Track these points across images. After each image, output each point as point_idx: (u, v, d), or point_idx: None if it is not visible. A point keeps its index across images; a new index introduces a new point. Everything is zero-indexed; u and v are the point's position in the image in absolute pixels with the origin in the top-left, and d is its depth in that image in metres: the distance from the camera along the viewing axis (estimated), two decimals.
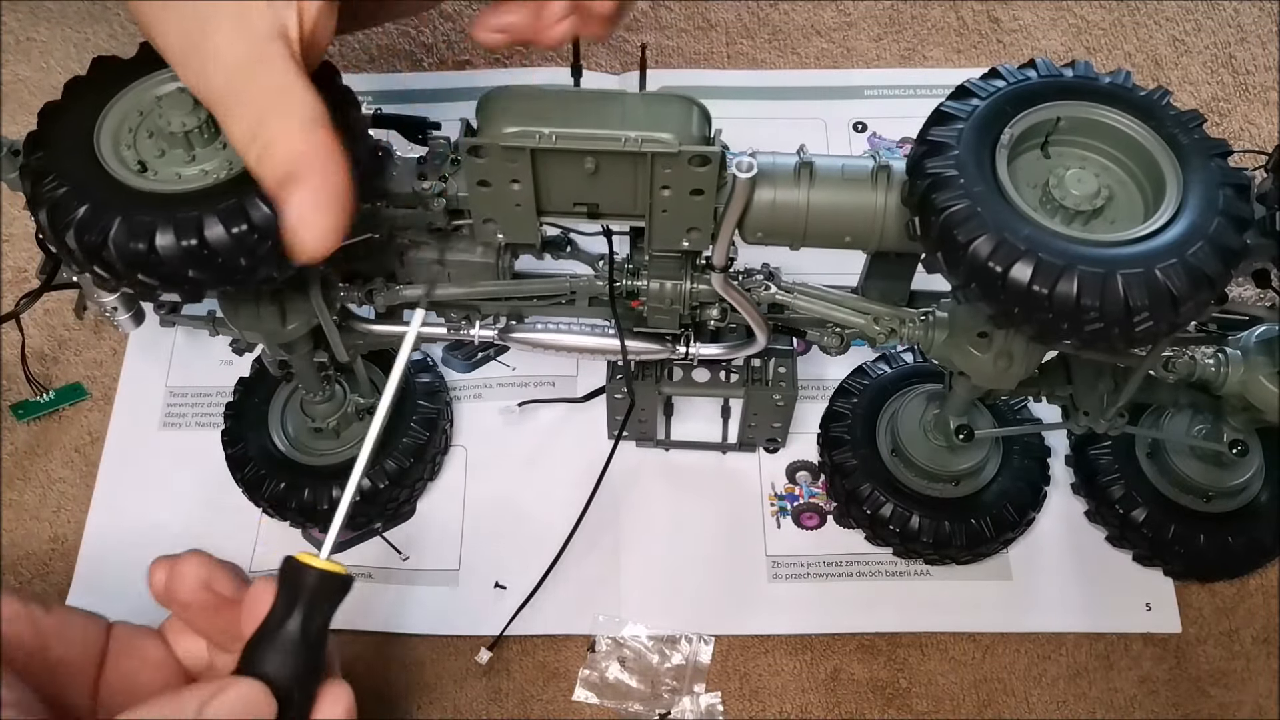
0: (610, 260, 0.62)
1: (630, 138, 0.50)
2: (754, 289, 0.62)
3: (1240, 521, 0.73)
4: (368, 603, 0.73)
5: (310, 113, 0.44)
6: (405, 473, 0.74)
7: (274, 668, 0.43)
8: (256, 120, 0.43)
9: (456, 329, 0.67)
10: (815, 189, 0.54)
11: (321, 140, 0.44)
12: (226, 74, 0.44)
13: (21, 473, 0.79)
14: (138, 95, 0.52)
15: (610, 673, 0.71)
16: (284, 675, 0.43)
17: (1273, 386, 0.62)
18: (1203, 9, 1.03)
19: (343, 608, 0.72)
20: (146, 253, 0.47)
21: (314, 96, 0.44)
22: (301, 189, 0.44)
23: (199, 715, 0.41)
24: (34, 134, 0.51)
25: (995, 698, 0.72)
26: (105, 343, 0.84)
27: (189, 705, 0.41)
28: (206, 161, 0.50)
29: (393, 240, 0.61)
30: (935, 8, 1.03)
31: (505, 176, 0.52)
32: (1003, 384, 0.61)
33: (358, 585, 0.73)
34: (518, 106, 0.51)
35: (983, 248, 0.46)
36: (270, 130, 0.43)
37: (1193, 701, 0.72)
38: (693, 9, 1.02)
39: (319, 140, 0.44)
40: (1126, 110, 0.51)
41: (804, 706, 0.71)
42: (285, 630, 0.44)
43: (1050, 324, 0.47)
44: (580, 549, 0.73)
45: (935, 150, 0.49)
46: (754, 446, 0.79)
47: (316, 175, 0.44)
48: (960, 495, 0.73)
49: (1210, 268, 0.46)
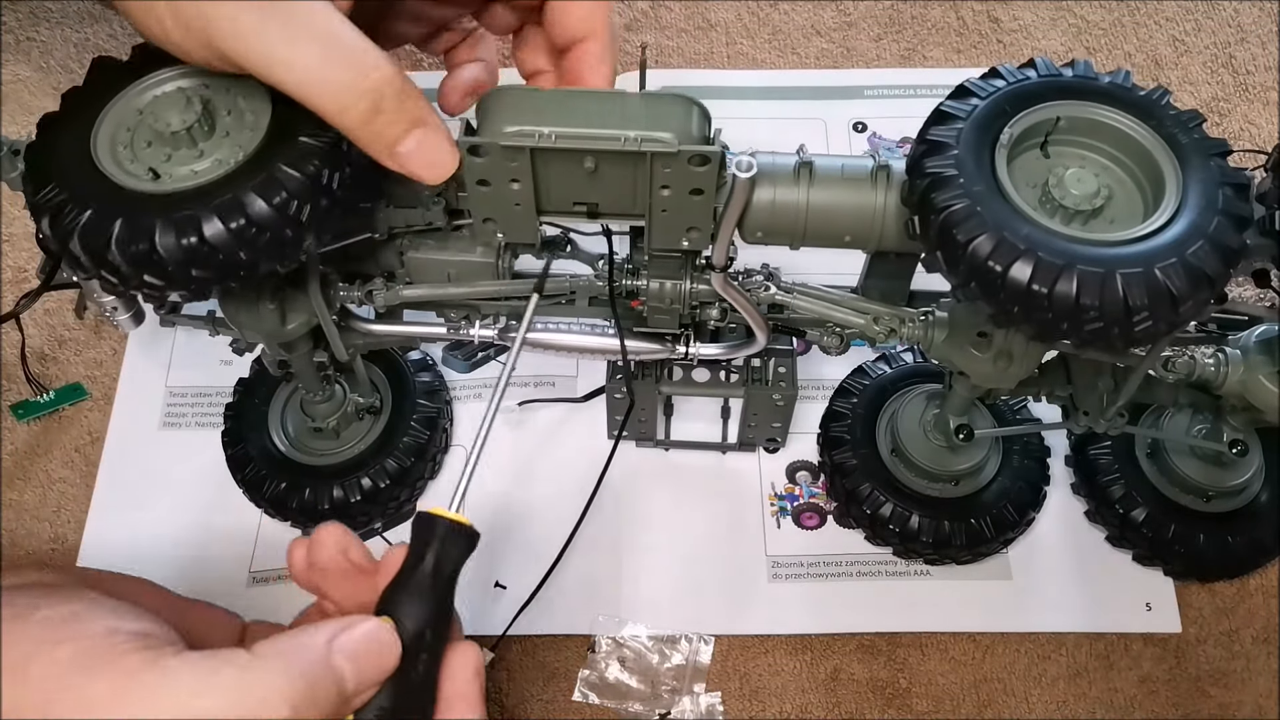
0: (610, 260, 0.62)
1: (630, 137, 0.50)
2: (754, 289, 0.62)
3: (1240, 521, 0.73)
4: None
5: (383, 58, 0.47)
6: (406, 472, 0.74)
7: (406, 611, 0.46)
8: (350, 84, 0.47)
9: (456, 329, 0.67)
10: (815, 188, 0.54)
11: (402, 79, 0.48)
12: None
13: (21, 473, 0.79)
14: (131, 99, 0.52)
15: (610, 673, 0.71)
16: (415, 618, 0.46)
17: (1272, 386, 0.62)
18: (1203, 9, 1.03)
19: None
20: (149, 254, 0.47)
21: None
22: (424, 128, 0.49)
23: (328, 644, 0.43)
24: (33, 144, 0.52)
25: (995, 698, 0.72)
26: (105, 343, 0.84)
27: (320, 636, 0.44)
28: (216, 152, 0.50)
29: (392, 240, 0.61)
30: (935, 8, 1.03)
31: (505, 176, 0.52)
32: (1002, 384, 0.61)
33: None
34: (517, 106, 0.51)
35: (982, 247, 0.46)
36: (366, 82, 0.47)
37: (1193, 701, 0.72)
38: (693, 9, 1.02)
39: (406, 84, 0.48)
40: (1126, 110, 0.51)
41: (804, 706, 0.71)
42: (417, 576, 0.47)
43: (1050, 323, 0.47)
44: (580, 549, 0.73)
45: (935, 150, 0.49)
46: (754, 446, 0.79)
47: (420, 104, 0.48)
48: (960, 495, 0.73)
49: (1210, 267, 0.46)
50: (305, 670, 0.42)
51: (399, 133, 0.48)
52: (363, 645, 0.44)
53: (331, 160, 0.49)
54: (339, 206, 0.50)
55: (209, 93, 0.52)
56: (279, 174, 0.48)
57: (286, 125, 0.49)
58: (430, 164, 0.50)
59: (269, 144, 0.49)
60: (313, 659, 0.43)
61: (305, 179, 0.48)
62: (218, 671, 0.40)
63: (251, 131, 0.50)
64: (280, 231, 0.48)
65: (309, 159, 0.48)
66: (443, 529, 0.47)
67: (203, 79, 0.52)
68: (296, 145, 0.48)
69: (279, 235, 0.48)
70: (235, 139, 0.50)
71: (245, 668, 0.41)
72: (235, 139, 0.50)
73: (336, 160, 0.49)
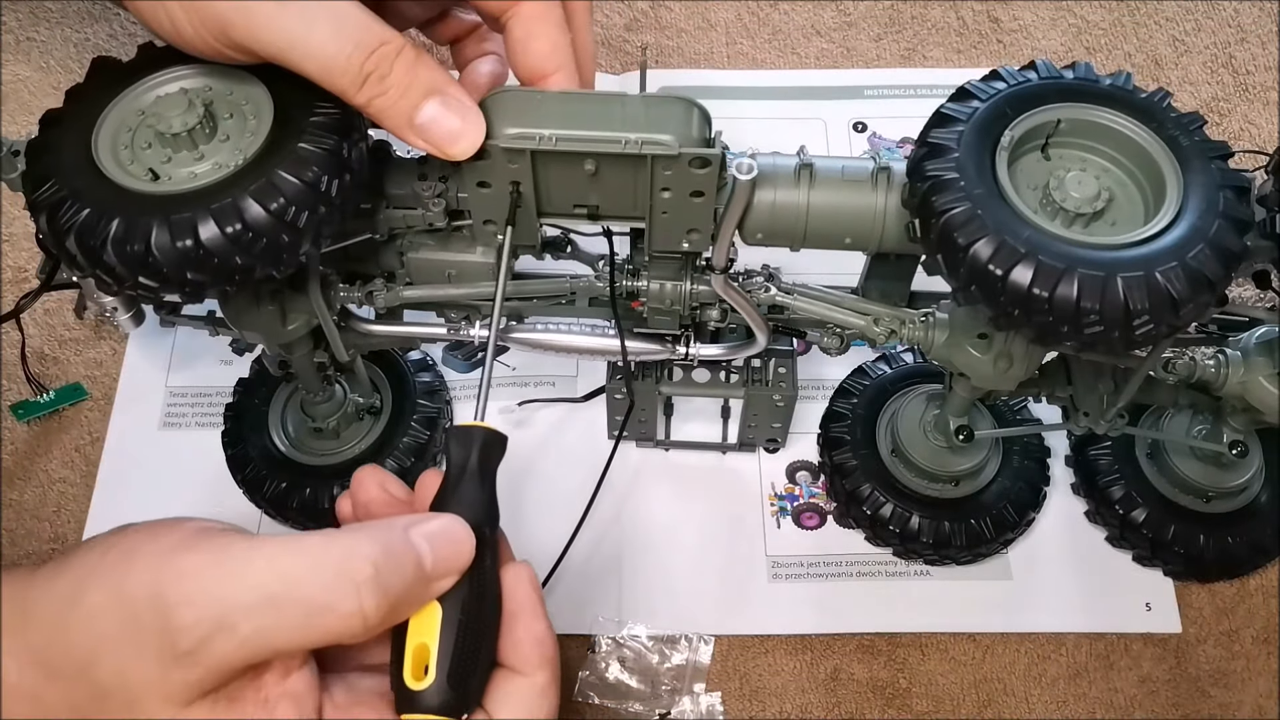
0: (611, 262, 0.62)
1: (630, 140, 0.50)
2: (754, 290, 0.62)
3: (1240, 522, 0.73)
4: None
5: (392, 31, 0.48)
6: (406, 473, 0.74)
7: (462, 510, 0.47)
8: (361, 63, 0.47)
9: (456, 329, 0.67)
10: (815, 190, 0.54)
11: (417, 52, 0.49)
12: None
13: (21, 473, 0.79)
14: (134, 99, 0.52)
15: (610, 673, 0.71)
16: (471, 516, 0.46)
17: (1272, 388, 0.62)
18: (1203, 9, 1.03)
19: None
20: (144, 255, 0.47)
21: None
22: (442, 97, 0.49)
23: (406, 529, 0.44)
24: (34, 141, 0.52)
25: (995, 698, 0.72)
26: (105, 343, 0.84)
27: (398, 522, 0.44)
28: (216, 155, 0.50)
29: (392, 240, 0.61)
30: (935, 8, 1.03)
31: (505, 178, 0.52)
32: (1003, 385, 0.61)
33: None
34: (518, 108, 0.51)
35: (983, 250, 0.46)
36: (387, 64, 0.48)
37: (1193, 701, 0.72)
38: (693, 9, 1.02)
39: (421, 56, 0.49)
40: (1127, 112, 0.51)
41: (804, 706, 0.71)
42: (465, 480, 0.47)
43: (1050, 327, 0.47)
44: (580, 549, 0.73)
45: (935, 153, 0.49)
46: (754, 447, 0.79)
47: (435, 73, 0.49)
48: (960, 496, 0.73)
49: (1210, 271, 0.46)
50: (386, 541, 0.43)
51: (414, 101, 0.49)
52: (439, 532, 0.45)
53: (331, 167, 0.49)
54: (338, 213, 0.50)
55: (211, 95, 0.52)
56: (278, 180, 0.48)
57: (287, 130, 0.49)
58: (451, 134, 0.50)
59: (269, 149, 0.49)
60: (393, 535, 0.43)
61: (304, 185, 0.48)
62: (303, 538, 0.42)
63: (252, 135, 0.50)
64: (277, 238, 0.48)
65: (308, 165, 0.48)
66: (478, 434, 0.48)
67: (206, 80, 0.52)
68: (296, 151, 0.48)
69: (276, 241, 0.48)
70: (236, 142, 0.50)
71: (329, 535, 0.43)
72: (236, 142, 0.50)
73: (337, 167, 0.49)
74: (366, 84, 0.47)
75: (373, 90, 0.48)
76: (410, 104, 0.49)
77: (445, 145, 0.50)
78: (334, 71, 0.47)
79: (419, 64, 0.48)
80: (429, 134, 0.49)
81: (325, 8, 0.47)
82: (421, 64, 0.49)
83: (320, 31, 0.47)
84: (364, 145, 0.51)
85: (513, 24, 0.53)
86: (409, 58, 0.48)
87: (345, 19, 0.47)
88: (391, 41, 0.48)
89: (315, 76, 0.48)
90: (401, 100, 0.48)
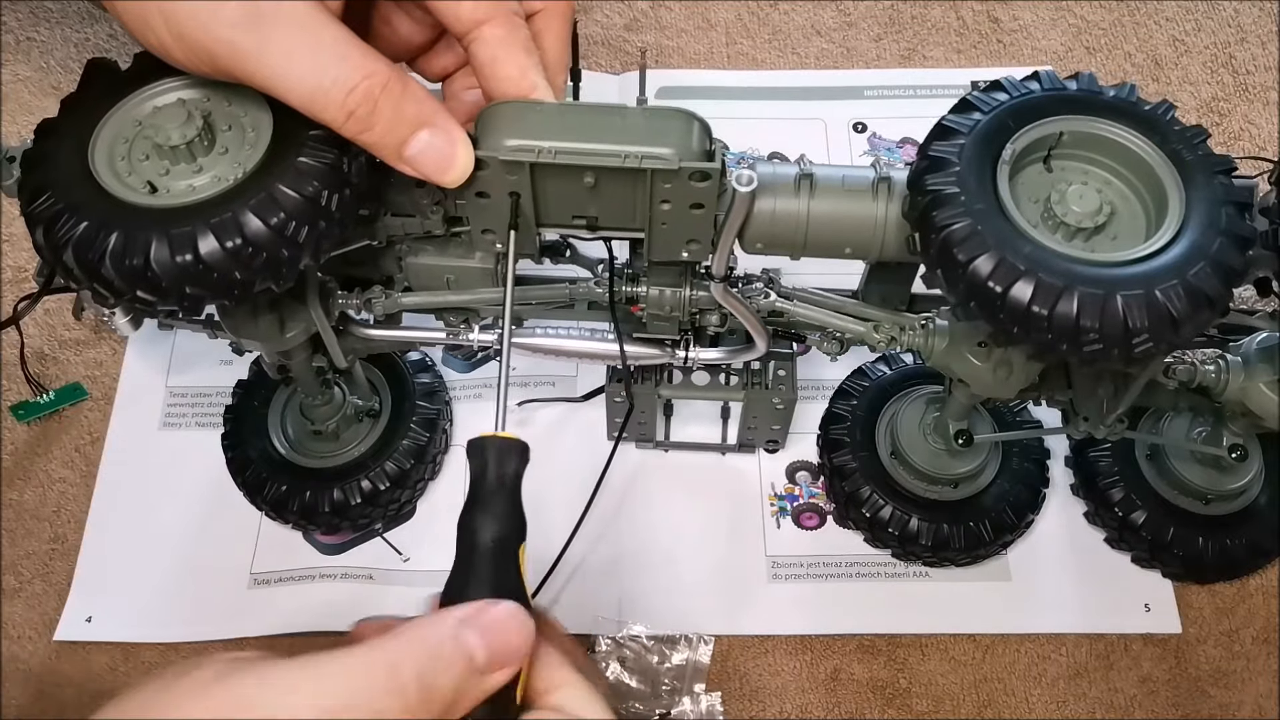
0: (610, 268, 0.62)
1: (630, 154, 0.49)
2: (753, 296, 0.62)
3: (1239, 524, 0.73)
4: (368, 605, 0.73)
5: (380, 62, 0.48)
6: (406, 474, 0.74)
7: (487, 521, 0.45)
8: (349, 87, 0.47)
9: (455, 333, 0.66)
10: (815, 200, 0.54)
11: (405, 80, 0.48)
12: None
13: (21, 473, 0.79)
14: (131, 109, 0.52)
15: (610, 673, 0.72)
16: (497, 526, 0.45)
17: (1272, 394, 0.62)
18: (1203, 9, 1.02)
19: (343, 610, 0.72)
20: (143, 269, 0.47)
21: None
22: (431, 128, 0.49)
23: (455, 629, 0.41)
24: (30, 151, 0.51)
25: (995, 698, 0.72)
26: (105, 343, 0.84)
27: (448, 619, 0.42)
28: (215, 168, 0.50)
29: (391, 246, 0.61)
30: (935, 8, 1.02)
31: (504, 189, 0.52)
32: (1002, 393, 0.61)
33: (358, 587, 0.73)
34: (517, 120, 0.51)
35: (982, 267, 0.46)
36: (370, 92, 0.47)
37: (1193, 701, 0.72)
38: (693, 9, 1.02)
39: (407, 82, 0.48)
40: (1130, 124, 0.51)
41: (804, 707, 0.72)
42: (486, 490, 0.46)
43: (1049, 344, 0.47)
44: (580, 549, 0.73)
45: (936, 166, 0.49)
46: (754, 447, 0.79)
47: (424, 105, 0.49)
48: (959, 498, 0.73)
49: (1211, 289, 0.46)
50: (435, 644, 0.41)
51: (403, 135, 0.48)
52: (492, 625, 0.42)
53: (331, 181, 0.49)
54: (338, 228, 0.50)
55: (210, 105, 0.51)
56: (278, 194, 0.47)
57: (287, 143, 0.49)
58: (441, 165, 0.50)
59: (269, 162, 0.49)
60: (441, 634, 0.41)
61: (304, 200, 0.48)
62: (346, 657, 0.40)
63: (251, 148, 0.50)
64: (277, 252, 0.48)
65: (308, 180, 0.48)
66: (498, 443, 0.47)
67: (204, 91, 0.52)
68: (296, 165, 0.48)
69: (275, 256, 0.48)
70: (235, 155, 0.50)
71: (371, 646, 0.41)
72: (235, 155, 0.50)
73: (337, 181, 0.49)
74: (351, 120, 0.47)
75: (359, 126, 0.47)
76: (398, 138, 0.48)
77: (435, 175, 0.50)
78: (317, 106, 0.47)
79: (405, 97, 0.48)
80: (419, 165, 0.49)
81: (306, 41, 0.46)
82: (408, 96, 0.48)
83: (299, 67, 0.46)
84: (363, 159, 0.51)
85: (475, 48, 0.52)
86: (395, 92, 0.47)
87: (325, 53, 0.46)
88: (376, 74, 0.47)
89: (301, 110, 0.47)
90: (389, 135, 0.48)
